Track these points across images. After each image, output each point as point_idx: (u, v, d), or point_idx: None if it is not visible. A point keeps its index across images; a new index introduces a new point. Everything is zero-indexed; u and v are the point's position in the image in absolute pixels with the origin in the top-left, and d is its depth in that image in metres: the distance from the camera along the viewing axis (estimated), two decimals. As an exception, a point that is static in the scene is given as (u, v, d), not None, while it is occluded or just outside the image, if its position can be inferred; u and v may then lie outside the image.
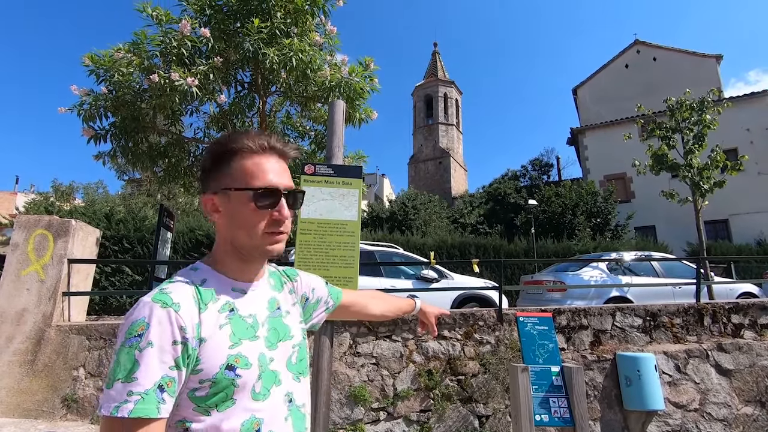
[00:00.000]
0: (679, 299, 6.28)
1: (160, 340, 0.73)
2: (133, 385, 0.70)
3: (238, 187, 0.85)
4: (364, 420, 4.10)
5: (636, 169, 9.09)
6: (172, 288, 0.81)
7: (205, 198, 0.90)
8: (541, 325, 2.89)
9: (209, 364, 0.78)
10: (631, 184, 20.18)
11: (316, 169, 2.22)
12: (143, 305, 0.76)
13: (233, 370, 0.79)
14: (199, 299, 0.81)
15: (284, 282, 1.05)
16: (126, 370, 0.71)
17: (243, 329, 0.84)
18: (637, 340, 4.71)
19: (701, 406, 4.42)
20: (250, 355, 0.83)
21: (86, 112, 4.52)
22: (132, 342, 0.72)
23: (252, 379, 0.82)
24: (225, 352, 0.80)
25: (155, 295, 0.78)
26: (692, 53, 22.98)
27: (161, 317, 0.75)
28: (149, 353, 0.72)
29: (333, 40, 5.13)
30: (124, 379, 0.70)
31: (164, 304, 0.76)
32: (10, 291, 3.98)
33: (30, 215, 4.49)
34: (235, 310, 0.85)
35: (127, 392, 0.70)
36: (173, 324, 0.75)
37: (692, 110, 8.55)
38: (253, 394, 0.82)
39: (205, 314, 0.80)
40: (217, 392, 0.78)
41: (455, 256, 13.23)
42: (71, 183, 24.23)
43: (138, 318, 0.75)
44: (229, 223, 0.88)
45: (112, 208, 13.53)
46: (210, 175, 0.90)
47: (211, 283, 0.86)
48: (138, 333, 0.73)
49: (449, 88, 35.55)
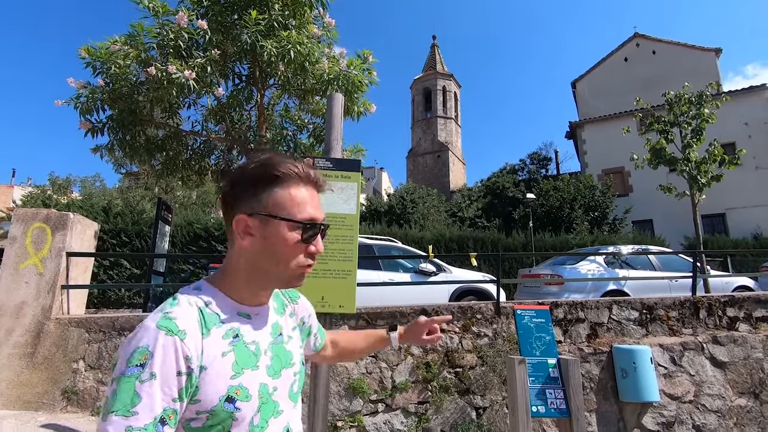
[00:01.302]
0: (676, 292, 6.33)
1: (164, 371, 0.68)
2: (132, 420, 0.66)
3: (284, 217, 0.81)
4: (363, 412, 4.13)
5: (634, 163, 9.10)
6: (177, 313, 0.75)
7: (240, 218, 0.82)
8: (538, 317, 2.91)
9: (208, 395, 0.73)
10: (629, 178, 20.22)
11: (314, 163, 2.22)
12: (146, 331, 0.71)
13: (233, 402, 0.75)
14: (203, 324, 0.77)
15: (286, 304, 1.01)
16: (125, 403, 0.66)
17: (246, 357, 0.80)
18: (633, 333, 4.75)
19: (696, 397, 4.48)
20: (250, 386, 0.79)
21: (83, 105, 4.50)
22: (133, 371, 0.67)
23: (251, 412, 0.78)
24: (226, 383, 0.75)
25: (160, 321, 0.72)
26: (691, 47, 22.92)
27: (166, 346, 0.70)
28: (152, 386, 0.67)
29: (331, 33, 5.10)
30: (123, 413, 0.65)
31: (169, 332, 0.71)
32: (8, 284, 3.98)
33: (27, 208, 4.48)
34: (240, 337, 0.81)
35: (126, 427, 0.65)
36: (179, 353, 0.70)
37: (691, 104, 8.55)
38: (251, 427, 0.78)
39: (208, 340, 0.76)
40: (214, 425, 0.74)
41: (453, 250, 13.27)
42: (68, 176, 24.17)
43: (140, 345, 0.69)
44: (261, 249, 0.82)
45: (110, 202, 13.50)
46: (246, 194, 0.83)
47: (216, 306, 0.81)
48: (140, 362, 0.68)
49: (448, 81, 35.41)
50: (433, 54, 36.99)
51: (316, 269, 2.10)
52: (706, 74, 19.55)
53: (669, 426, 4.33)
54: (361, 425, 4.09)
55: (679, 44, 23.25)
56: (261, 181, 0.82)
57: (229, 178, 0.85)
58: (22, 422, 3.42)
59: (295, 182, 0.83)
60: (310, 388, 1.94)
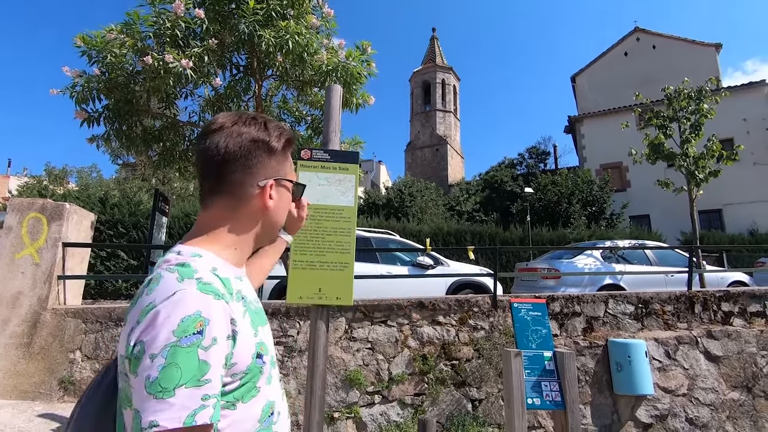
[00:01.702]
0: (672, 287, 6.37)
1: (221, 336, 0.67)
2: (207, 388, 0.63)
3: (291, 180, 0.95)
4: (359, 403, 4.16)
5: (632, 158, 9.12)
6: (207, 277, 0.73)
7: (271, 183, 0.89)
8: (534, 311, 2.92)
9: (243, 356, 0.74)
10: (627, 173, 20.25)
11: (312, 154, 2.20)
12: (190, 297, 0.67)
13: (261, 357, 0.79)
14: (225, 288, 0.77)
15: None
16: (193, 372, 0.62)
17: (255, 315, 0.83)
18: (628, 327, 4.78)
19: (689, 391, 4.53)
20: (266, 341, 0.83)
21: (79, 94, 4.44)
22: (192, 340, 0.64)
23: (269, 365, 0.82)
24: (252, 341, 0.77)
25: (200, 287, 0.69)
26: (692, 42, 22.86)
27: (218, 310, 0.69)
28: (216, 351, 0.66)
29: (330, 23, 5.05)
30: (194, 382, 0.62)
31: (217, 296, 0.70)
32: (4, 274, 3.97)
33: (23, 198, 4.45)
34: (246, 298, 0.83)
35: (202, 396, 0.62)
36: (227, 317, 0.70)
37: (690, 99, 8.54)
38: (268, 380, 0.82)
39: (233, 303, 0.76)
40: (247, 383, 0.75)
41: (451, 243, 13.29)
42: (65, 167, 24.03)
43: (191, 313, 0.65)
44: (274, 211, 0.91)
45: (107, 193, 13.43)
46: (270, 161, 0.89)
47: (223, 272, 0.81)
48: (197, 330, 0.64)
49: (447, 75, 35.23)
50: (433, 47, 36.76)
51: (312, 261, 2.10)
52: (706, 69, 19.54)
53: (662, 419, 4.37)
54: (358, 416, 4.12)
55: (679, 39, 23.17)
56: (283, 150, 0.91)
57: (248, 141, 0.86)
58: (19, 411, 3.43)
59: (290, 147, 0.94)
60: (307, 379, 1.94)
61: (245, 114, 0.89)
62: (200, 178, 0.89)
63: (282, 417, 0.86)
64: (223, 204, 0.86)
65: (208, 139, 0.85)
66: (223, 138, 0.84)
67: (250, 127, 0.87)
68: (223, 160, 0.84)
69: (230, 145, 0.84)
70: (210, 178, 0.86)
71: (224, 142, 0.84)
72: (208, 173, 0.86)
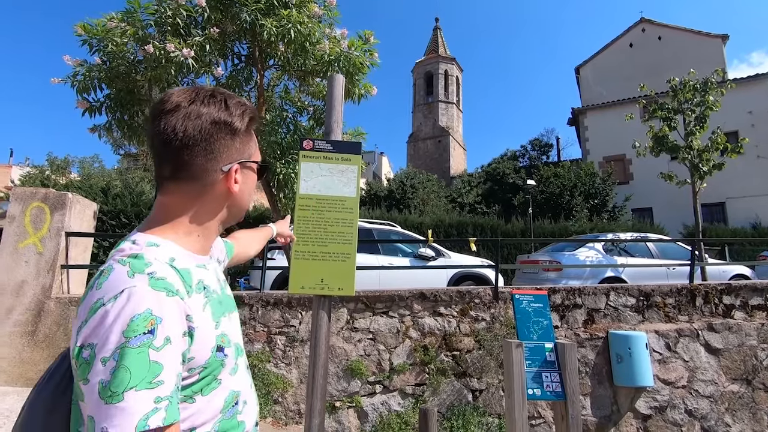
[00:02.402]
0: (673, 280, 6.38)
1: (175, 334, 0.64)
2: (159, 390, 0.60)
3: (255, 161, 0.89)
4: (361, 392, 4.19)
5: (636, 150, 9.06)
6: (161, 271, 0.69)
7: (236, 167, 0.83)
8: (536, 302, 2.93)
9: (201, 350, 0.71)
10: (630, 165, 20.15)
11: (314, 145, 2.19)
12: (140, 294, 0.63)
13: (222, 350, 0.76)
14: (183, 280, 0.72)
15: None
16: (144, 374, 0.59)
17: (217, 307, 0.79)
18: (629, 319, 4.79)
19: (689, 383, 4.55)
20: (228, 333, 0.79)
21: (80, 84, 4.42)
22: (142, 340, 0.60)
23: (232, 356, 0.79)
24: (213, 334, 0.74)
25: (152, 283, 0.65)
26: (698, 33, 22.57)
27: (172, 307, 0.65)
28: (169, 351, 0.62)
29: (332, 12, 4.99)
30: (146, 386, 0.59)
31: (170, 292, 0.66)
32: (8, 263, 3.99)
33: (26, 188, 4.45)
34: (207, 288, 0.79)
35: (155, 398, 0.59)
36: (182, 314, 0.67)
37: (695, 91, 8.45)
38: (231, 370, 0.79)
39: (192, 296, 0.73)
40: (206, 376, 0.73)
41: (452, 235, 13.30)
42: (67, 156, 24.03)
43: (141, 311, 0.62)
44: (240, 195, 0.86)
45: (109, 183, 13.45)
46: (233, 143, 0.82)
47: (181, 262, 0.76)
48: (147, 329, 0.61)
49: (450, 65, 34.94)
50: (436, 37, 36.41)
51: (315, 252, 2.10)
52: (711, 61, 19.30)
53: (662, 410, 4.40)
54: (359, 406, 4.15)
55: (685, 30, 22.88)
56: (247, 129, 0.85)
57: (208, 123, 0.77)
58: (24, 398, 3.46)
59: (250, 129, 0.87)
60: (309, 368, 1.95)
61: (202, 90, 0.80)
62: (156, 161, 0.79)
63: (249, 406, 0.84)
64: (185, 189, 0.79)
65: (162, 121, 0.76)
66: (180, 120, 0.75)
67: (210, 106, 0.78)
68: (183, 145, 0.75)
69: (189, 129, 0.75)
70: (168, 163, 0.78)
71: (182, 125, 0.75)
72: (166, 158, 0.77)
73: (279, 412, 4.10)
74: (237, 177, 0.84)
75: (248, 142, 0.87)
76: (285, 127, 5.22)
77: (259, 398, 4.10)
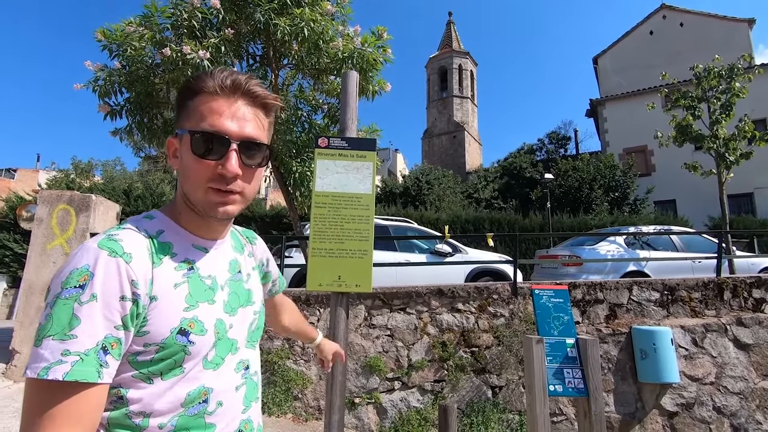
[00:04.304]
0: (699, 274, 6.18)
1: (106, 293, 0.63)
2: (70, 344, 0.59)
3: (189, 129, 0.74)
4: (379, 389, 4.20)
5: (658, 141, 8.80)
6: (123, 235, 0.69)
7: (169, 140, 0.79)
8: (556, 297, 2.88)
9: (158, 327, 0.68)
10: (652, 157, 19.59)
11: (329, 142, 2.20)
12: (86, 250, 0.65)
13: (186, 335, 0.70)
14: (153, 252, 0.71)
15: (244, 244, 0.95)
16: (62, 325, 0.60)
17: (201, 291, 0.75)
18: (653, 314, 4.67)
19: (717, 379, 4.41)
20: (206, 320, 0.73)
21: (101, 88, 4.53)
22: (71, 293, 0.61)
23: (206, 347, 0.73)
24: (179, 315, 0.70)
25: (101, 241, 0.66)
26: (722, 17, 21.75)
27: (109, 267, 0.64)
28: (92, 307, 0.61)
29: (345, 9, 4.99)
30: (60, 335, 0.59)
31: (113, 252, 0.65)
32: (37, 264, 4.13)
33: (52, 191, 4.59)
34: (195, 270, 0.76)
35: (62, 351, 0.59)
36: (122, 276, 0.64)
37: (721, 78, 8.15)
38: (205, 362, 0.74)
39: (159, 269, 0.70)
40: (165, 358, 0.69)
41: (469, 231, 13.19)
42: (90, 160, 24.69)
43: (79, 266, 0.63)
44: (181, 170, 0.76)
45: (130, 185, 13.78)
46: (176, 114, 0.79)
47: (169, 236, 0.75)
48: (79, 283, 0.62)
49: (464, 59, 34.58)
50: (449, 31, 36.07)
51: (332, 249, 2.10)
52: (737, 47, 18.56)
53: (689, 407, 4.29)
54: (378, 402, 4.17)
55: (708, 15, 22.09)
56: (181, 98, 0.77)
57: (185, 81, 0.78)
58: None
59: (209, 94, 0.74)
60: (328, 365, 1.96)
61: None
62: None
63: (224, 409, 0.76)
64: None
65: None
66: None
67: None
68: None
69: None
70: None
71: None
72: None
73: (299, 408, 4.15)
74: (179, 147, 0.77)
75: (210, 108, 0.73)
76: (300, 126, 5.25)
77: (280, 394, 4.15)
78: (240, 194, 0.75)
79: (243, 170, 0.74)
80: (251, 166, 0.76)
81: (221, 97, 0.73)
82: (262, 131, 0.78)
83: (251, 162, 0.76)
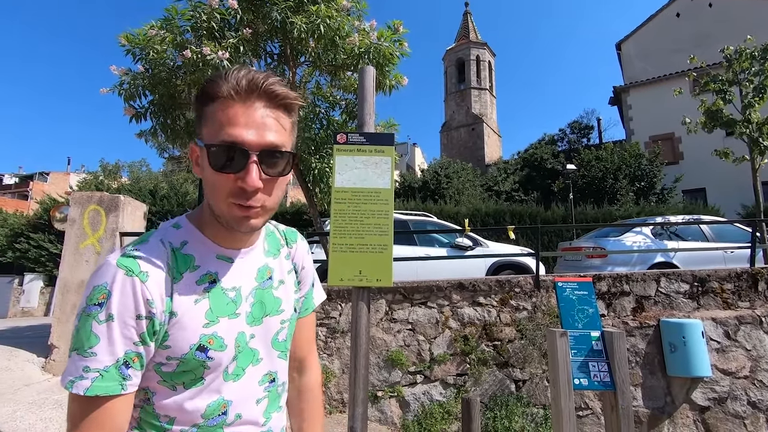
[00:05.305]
0: (731, 264, 5.96)
1: (122, 312, 0.64)
2: (90, 361, 0.62)
3: (205, 143, 0.69)
4: (402, 382, 4.23)
5: (686, 127, 8.50)
6: (143, 251, 0.69)
7: (191, 147, 0.75)
8: (580, 290, 2.82)
9: (178, 342, 0.68)
10: (680, 144, 18.92)
11: (348, 138, 2.21)
12: (107, 267, 0.66)
13: (205, 351, 0.70)
14: (174, 267, 0.71)
15: (281, 246, 0.90)
16: (83, 341, 0.63)
17: (222, 305, 0.74)
18: (683, 307, 4.54)
19: (752, 373, 4.26)
20: (226, 336, 0.72)
21: (126, 92, 4.67)
22: (91, 310, 0.64)
23: (226, 361, 0.73)
24: (198, 331, 0.70)
25: (120, 259, 0.67)
26: (755, -5, 20.72)
27: (125, 287, 0.65)
28: (110, 327, 0.63)
29: (360, 4, 4.99)
30: (81, 351, 0.63)
31: (129, 272, 0.66)
32: (71, 263, 4.30)
33: (83, 192, 4.77)
34: (217, 282, 0.74)
35: (83, 367, 0.62)
36: (138, 296, 0.65)
37: (753, 59, 7.80)
38: (225, 374, 0.74)
39: (179, 285, 0.70)
40: (185, 371, 0.70)
41: (490, 224, 13.04)
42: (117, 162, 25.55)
43: (99, 283, 0.65)
44: (203, 180, 0.73)
45: (156, 185, 14.17)
46: (195, 121, 0.74)
47: (193, 248, 0.74)
48: (99, 301, 0.64)
49: (482, 50, 34.06)
50: (466, 22, 35.58)
51: (352, 244, 2.12)
52: (771, 26, 17.69)
53: (721, 402, 4.16)
54: (401, 395, 4.19)
55: (740, -6, 21.07)
56: (199, 103, 0.72)
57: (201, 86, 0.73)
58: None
59: (224, 99, 0.68)
60: (350, 358, 1.99)
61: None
62: None
63: (243, 421, 0.76)
64: None
65: None
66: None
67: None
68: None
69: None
70: None
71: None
72: None
73: (323, 401, 4.21)
74: (200, 157, 0.72)
75: (226, 116, 0.68)
76: (318, 123, 5.29)
77: (304, 388, 4.22)
78: (256, 208, 0.70)
79: (265, 182, 0.69)
80: (274, 176, 0.71)
81: (237, 102, 0.68)
82: (284, 135, 0.72)
83: (273, 171, 0.70)
